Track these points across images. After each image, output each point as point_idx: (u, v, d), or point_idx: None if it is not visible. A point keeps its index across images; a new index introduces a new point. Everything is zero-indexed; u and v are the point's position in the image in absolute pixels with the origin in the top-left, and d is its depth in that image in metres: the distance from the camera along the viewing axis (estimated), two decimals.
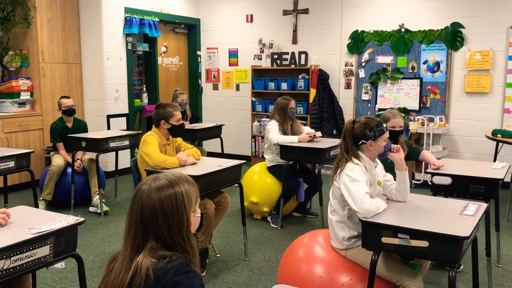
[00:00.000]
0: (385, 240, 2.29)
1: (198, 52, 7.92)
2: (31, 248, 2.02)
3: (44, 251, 2.08)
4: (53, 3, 6.02)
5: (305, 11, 6.95)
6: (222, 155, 6.26)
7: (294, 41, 7.09)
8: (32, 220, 2.25)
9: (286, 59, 7.01)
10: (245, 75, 7.59)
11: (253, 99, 7.25)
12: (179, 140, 3.75)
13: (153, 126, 3.61)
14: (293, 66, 6.94)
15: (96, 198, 5.00)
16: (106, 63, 6.32)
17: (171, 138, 3.66)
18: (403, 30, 6.32)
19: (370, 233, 2.34)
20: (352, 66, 6.73)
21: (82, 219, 2.30)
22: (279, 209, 4.53)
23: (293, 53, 6.94)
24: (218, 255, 3.87)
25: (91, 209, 5.02)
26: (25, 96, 5.92)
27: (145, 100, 7.20)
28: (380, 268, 2.43)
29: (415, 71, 6.32)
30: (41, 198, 4.95)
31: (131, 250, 1.45)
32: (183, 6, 7.53)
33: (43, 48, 5.95)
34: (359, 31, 6.60)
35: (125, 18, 6.50)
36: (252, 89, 7.23)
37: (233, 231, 4.44)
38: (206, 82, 8.03)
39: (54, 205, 5.06)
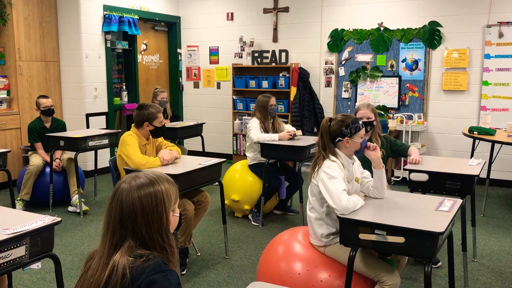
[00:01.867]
0: (362, 236, 2.32)
1: (178, 50, 7.88)
2: (6, 249, 1.99)
3: (19, 251, 2.05)
4: (29, 0, 5.92)
5: (286, 9, 6.97)
6: (203, 153, 6.26)
7: (275, 39, 7.11)
8: (7, 221, 2.21)
9: (267, 57, 7.02)
10: (226, 73, 7.57)
11: (234, 97, 7.25)
12: (160, 138, 3.73)
13: (133, 125, 3.58)
14: (273, 64, 6.96)
15: (75, 198, 4.95)
16: (84, 61, 6.25)
17: (151, 137, 3.64)
18: (382, 28, 6.38)
19: (348, 229, 2.37)
20: (332, 64, 6.77)
21: (59, 219, 2.27)
22: (260, 207, 4.55)
23: (273, 51, 6.96)
24: (199, 254, 3.87)
25: (70, 208, 4.96)
26: (1, 94, 5.81)
27: (125, 99, 7.13)
28: (358, 264, 2.46)
29: (394, 69, 6.39)
30: (18, 198, 4.87)
31: (108, 248, 1.44)
32: (163, 4, 7.48)
33: (20, 46, 5.85)
34: (339, 30, 6.65)
35: (104, 15, 6.43)
36: (233, 87, 7.23)
37: (214, 230, 4.44)
38: (187, 80, 7.99)
39: (33, 205, 5.00)
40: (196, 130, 6.05)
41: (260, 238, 4.26)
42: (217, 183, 3.69)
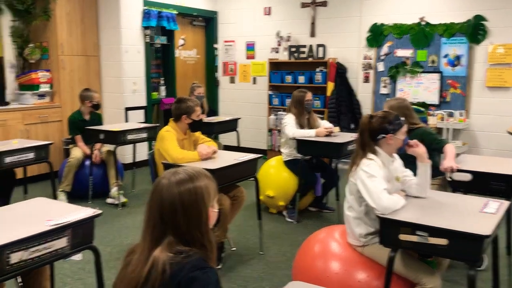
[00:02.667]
0: (403, 237, 2.26)
1: (215, 45, 7.91)
2: (48, 240, 2.04)
3: (61, 243, 2.10)
4: None
5: (324, 3, 6.87)
6: (238, 148, 6.26)
7: (312, 34, 7.02)
8: (50, 212, 2.27)
9: (304, 52, 6.95)
10: (262, 68, 7.55)
11: (270, 92, 7.22)
12: (197, 133, 3.75)
13: (171, 120, 3.61)
14: (310, 59, 6.88)
15: (114, 190, 5.05)
16: (124, 56, 6.35)
17: (189, 132, 3.66)
18: (423, 23, 6.20)
19: (388, 230, 2.31)
20: (371, 59, 6.64)
21: (100, 211, 2.31)
22: (295, 203, 4.51)
23: (311, 46, 6.88)
24: (234, 249, 3.88)
25: (109, 200, 5.07)
26: (44, 88, 5.98)
27: (163, 93, 7.22)
28: (398, 265, 2.39)
29: (435, 65, 6.20)
30: (60, 190, 5.00)
31: (149, 244, 1.45)
32: None
33: (62, 41, 6.01)
34: (378, 24, 6.51)
35: (143, 10, 6.51)
36: (269, 82, 7.20)
37: (249, 225, 4.43)
38: (223, 75, 8.01)
39: (73, 196, 5.12)
40: (231, 125, 6.06)
41: (295, 235, 4.23)
42: (252, 178, 3.68)
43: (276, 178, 4.70)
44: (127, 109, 6.48)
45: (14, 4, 5.84)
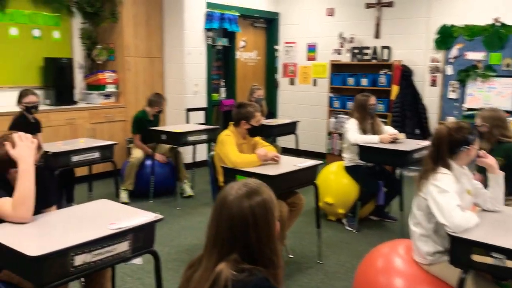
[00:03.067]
0: (476, 258, 2.09)
1: (275, 47, 7.86)
2: (111, 244, 2.06)
3: (123, 246, 2.12)
4: None
5: (390, 4, 6.64)
6: (296, 151, 6.19)
7: (377, 36, 6.80)
8: (113, 215, 2.30)
9: (367, 54, 6.76)
10: (323, 70, 7.41)
11: (331, 94, 7.07)
12: (256, 138, 3.71)
13: (231, 124, 3.60)
14: (374, 61, 6.68)
15: (182, 183, 5.34)
16: (186, 58, 6.45)
17: (248, 136, 3.63)
18: (498, 24, 5.83)
19: (459, 249, 2.15)
20: (439, 62, 6.33)
21: (161, 216, 2.32)
22: (355, 211, 4.37)
23: (375, 48, 6.68)
24: (291, 256, 3.80)
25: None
26: (110, 88, 6.19)
27: (223, 95, 7.27)
28: (469, 286, 2.23)
29: (510, 69, 5.81)
30: (123, 188, 5.14)
31: (215, 262, 1.39)
32: (262, 0, 7.49)
33: (128, 43, 6.18)
34: (448, 25, 6.19)
35: (206, 13, 6.57)
36: (330, 84, 7.06)
37: (307, 232, 4.34)
38: (283, 77, 7.95)
39: (134, 195, 5.25)
40: (290, 128, 5.99)
41: (355, 244, 4.10)
42: (312, 185, 3.59)
43: (336, 185, 4.57)
44: (188, 110, 6.57)
45: (84, 7, 6.08)
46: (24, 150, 2.19)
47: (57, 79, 5.74)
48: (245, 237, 1.38)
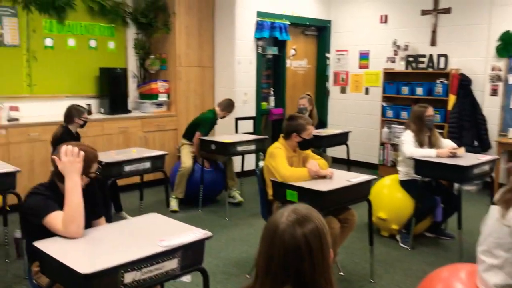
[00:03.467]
0: None
1: (327, 55, 7.74)
2: (160, 261, 2.04)
3: (172, 264, 2.09)
4: (191, 9, 6.30)
5: (447, 10, 6.37)
6: (347, 162, 6.04)
7: (433, 43, 6.54)
8: (163, 230, 2.28)
9: (423, 62, 6.52)
10: (375, 78, 7.21)
11: (384, 104, 6.86)
12: (307, 150, 3.62)
13: (281, 136, 3.53)
14: (430, 69, 6.43)
15: (232, 190, 5.33)
16: (237, 67, 6.45)
17: (298, 149, 3.55)
18: None
19: None
20: (501, 70, 5.99)
21: (210, 233, 2.28)
22: (410, 228, 4.18)
23: (431, 56, 6.43)
24: (342, 274, 3.67)
25: (229, 200, 5.30)
26: (162, 97, 6.28)
27: (272, 103, 7.22)
28: None
29: None
30: (173, 196, 5.17)
31: None
32: (314, 8, 7.41)
33: (180, 53, 6.26)
34: (510, 32, 5.85)
35: (257, 22, 6.56)
36: (383, 93, 6.85)
37: (358, 248, 4.19)
38: (334, 85, 7.81)
39: (184, 202, 5.27)
40: (341, 139, 5.84)
41: (409, 263, 3.91)
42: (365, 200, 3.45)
43: (390, 199, 4.40)
44: (238, 119, 6.56)
45: (138, 18, 6.22)
46: (69, 165, 2.21)
47: (111, 88, 5.90)
48: (299, 267, 1.30)
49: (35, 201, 2.24)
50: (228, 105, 5.43)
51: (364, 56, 7.36)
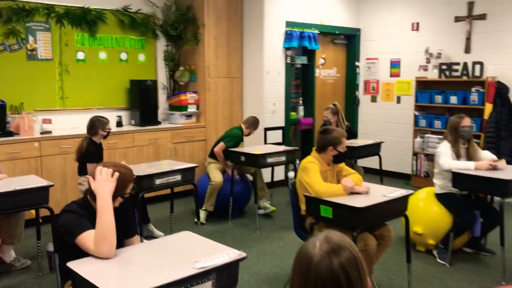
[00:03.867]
0: None
1: (356, 63, 7.62)
2: (194, 284, 1.98)
3: (206, 286, 2.04)
4: (220, 20, 6.30)
5: (482, 16, 6.18)
6: (380, 172, 5.90)
7: (467, 50, 6.35)
8: (196, 250, 2.24)
9: (457, 70, 6.33)
10: (407, 86, 7.06)
11: (416, 113, 6.70)
12: (340, 164, 3.53)
13: (314, 150, 3.45)
14: (465, 77, 6.24)
15: (263, 201, 5.28)
16: (265, 77, 6.40)
17: (332, 162, 3.46)
18: None
19: None
20: None
21: (244, 254, 2.22)
22: (447, 243, 4.02)
23: (465, 64, 6.24)
24: None
25: (260, 211, 5.25)
26: (192, 109, 6.29)
27: (301, 113, 7.14)
28: None
29: None
30: (203, 208, 5.13)
31: None
32: (343, 17, 7.31)
33: (209, 64, 6.26)
34: None
35: (286, 32, 6.51)
36: (415, 102, 6.69)
37: (394, 263, 4.06)
38: (364, 94, 7.68)
39: (212, 215, 5.22)
40: (374, 149, 5.72)
41: (448, 280, 3.76)
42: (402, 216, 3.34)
43: (426, 213, 4.25)
44: (266, 129, 6.51)
45: (168, 30, 6.25)
46: (101, 185, 2.19)
47: (142, 100, 5.93)
48: None
49: (68, 220, 2.23)
50: (253, 123, 5.42)
51: (395, 65, 7.21)
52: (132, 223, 2.47)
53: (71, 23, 5.58)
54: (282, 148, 5.23)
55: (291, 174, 6.63)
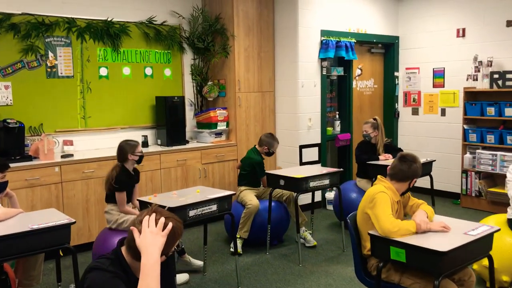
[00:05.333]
0: None
1: (395, 73, 7.09)
2: None
3: None
4: (250, 30, 5.86)
5: None
6: (431, 192, 5.36)
7: None
8: None
9: (511, 79, 5.75)
10: (453, 98, 6.50)
11: (465, 126, 6.13)
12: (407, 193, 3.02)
13: (381, 177, 2.94)
14: None
15: (302, 230, 4.78)
16: (300, 91, 5.92)
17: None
18: None
19: None
20: None
21: None
22: None
23: None
24: None
25: (301, 240, 4.75)
26: (221, 126, 5.84)
27: (337, 128, 6.63)
28: None
29: None
30: (238, 236, 4.65)
31: None
32: (381, 24, 6.81)
33: (240, 77, 5.81)
34: None
35: (321, 41, 6.03)
36: (464, 114, 6.12)
37: None
38: (404, 106, 7.14)
39: (248, 243, 4.73)
40: (425, 169, 5.14)
41: None
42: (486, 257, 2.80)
43: (497, 244, 3.64)
44: (302, 146, 6.01)
45: (195, 43, 5.84)
46: (150, 240, 1.73)
47: (168, 118, 5.50)
48: None
49: (99, 281, 1.76)
50: (262, 141, 4.91)
51: (438, 74, 6.67)
52: (174, 284, 1.99)
53: (93, 37, 5.21)
54: (325, 170, 4.70)
55: (329, 195, 6.11)
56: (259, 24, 5.95)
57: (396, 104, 7.16)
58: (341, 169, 4.82)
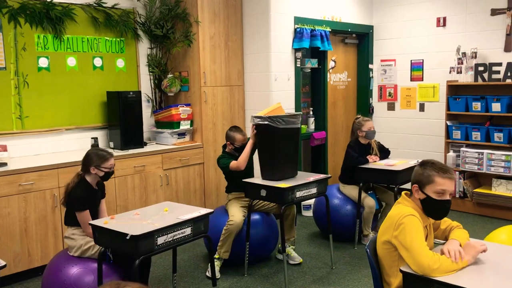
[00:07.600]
0: None
1: (370, 66, 6.59)
2: None
3: None
4: (216, 16, 5.14)
5: None
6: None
7: (508, 48, 5.42)
8: None
9: (498, 72, 5.38)
10: (433, 92, 6.07)
11: (449, 123, 5.71)
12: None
13: (405, 196, 2.35)
14: (509, 80, 5.29)
15: (287, 246, 4.15)
16: (273, 85, 5.28)
17: None
18: None
19: None
20: None
21: None
22: None
23: (509, 64, 5.29)
24: None
25: (279, 256, 4.26)
26: (184, 125, 5.10)
27: (312, 126, 6.05)
28: None
29: None
30: (216, 256, 3.94)
31: None
32: (356, 12, 6.27)
33: (205, 69, 5.09)
34: None
35: (295, 30, 5.40)
36: (447, 110, 5.70)
37: None
38: (379, 101, 6.66)
39: (226, 263, 4.04)
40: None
41: None
42: None
43: None
44: None
45: (152, 29, 5.06)
46: None
47: (123, 117, 4.70)
48: None
49: None
50: (226, 137, 4.20)
51: (417, 67, 6.22)
52: None
53: (29, 21, 4.32)
54: (311, 177, 4.05)
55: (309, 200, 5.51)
56: (226, 9, 5.24)
57: (371, 98, 6.67)
58: (329, 176, 4.21)
